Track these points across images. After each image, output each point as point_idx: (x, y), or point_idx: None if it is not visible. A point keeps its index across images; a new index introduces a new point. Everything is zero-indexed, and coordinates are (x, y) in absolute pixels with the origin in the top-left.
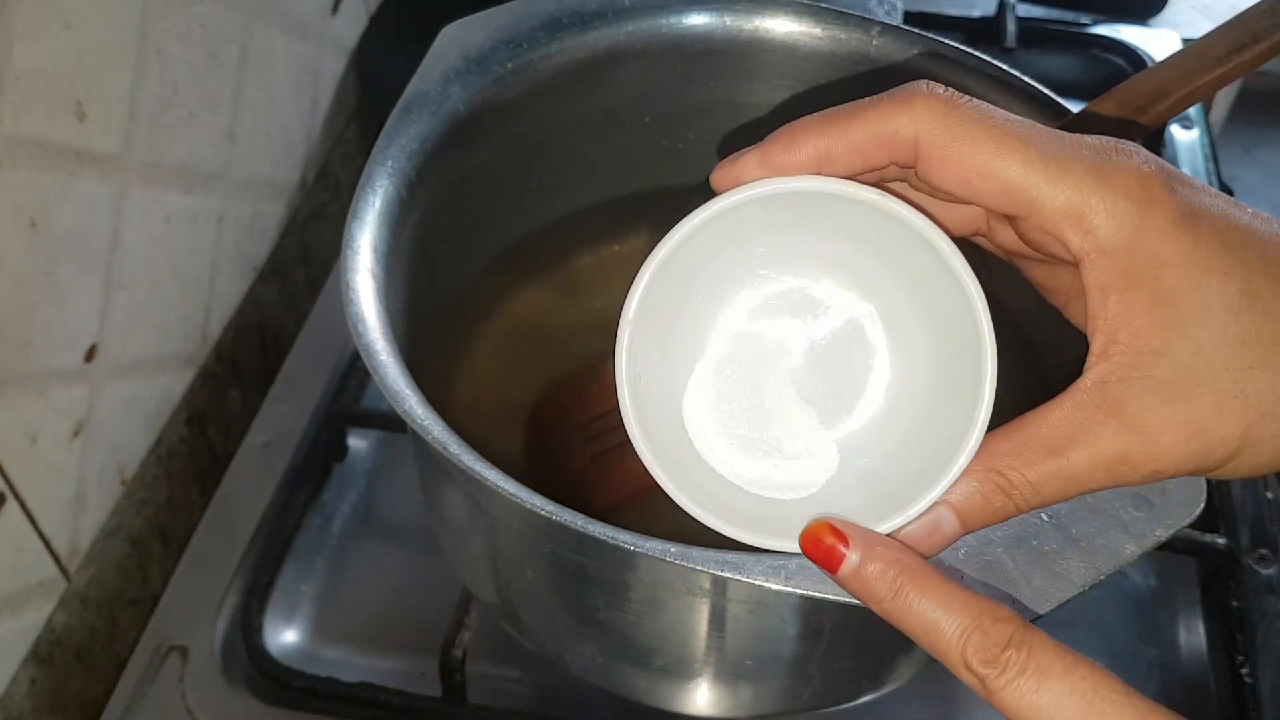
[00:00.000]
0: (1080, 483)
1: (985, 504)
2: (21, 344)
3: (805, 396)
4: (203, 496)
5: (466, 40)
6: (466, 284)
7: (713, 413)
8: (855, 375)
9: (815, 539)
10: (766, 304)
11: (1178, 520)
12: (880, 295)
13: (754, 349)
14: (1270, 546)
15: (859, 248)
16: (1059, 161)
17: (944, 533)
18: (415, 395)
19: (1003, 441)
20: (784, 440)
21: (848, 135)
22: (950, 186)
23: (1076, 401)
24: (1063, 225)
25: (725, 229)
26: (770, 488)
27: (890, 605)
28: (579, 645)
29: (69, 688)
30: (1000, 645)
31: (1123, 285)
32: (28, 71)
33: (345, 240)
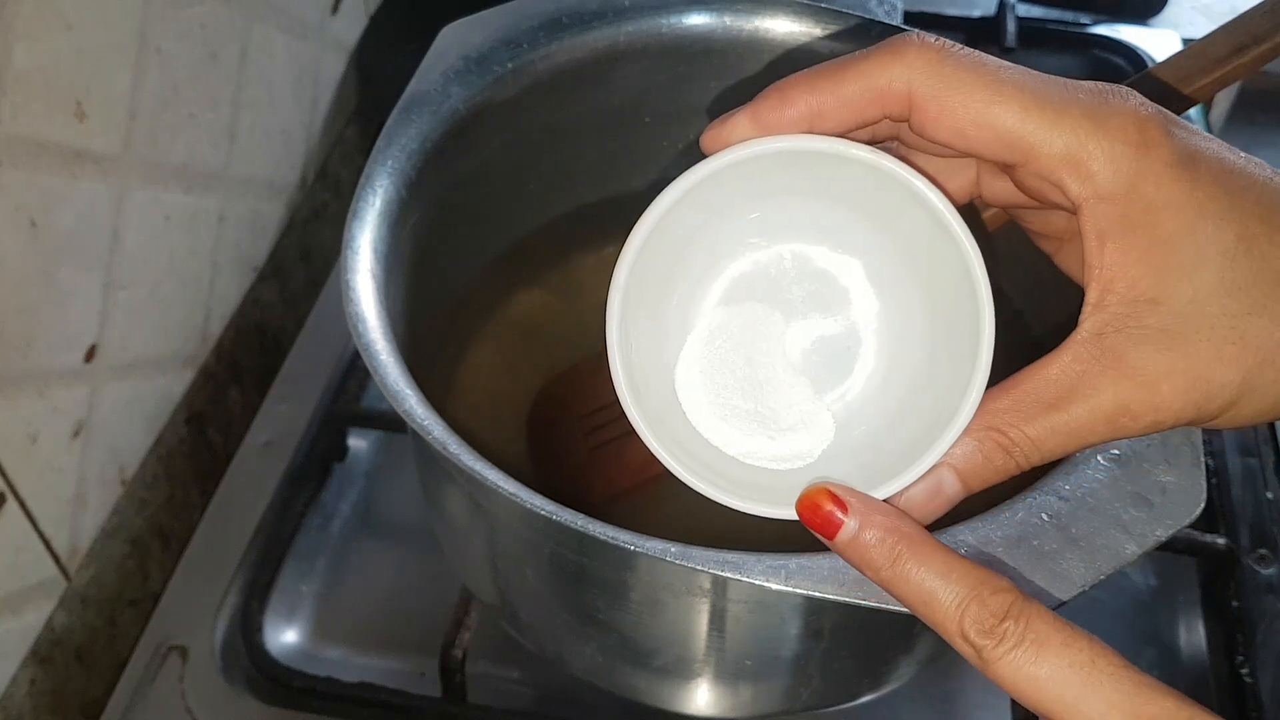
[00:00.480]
0: (1080, 436)
1: (986, 463)
2: (21, 344)
3: (798, 367)
4: (203, 496)
5: (466, 40)
6: (466, 284)
7: (705, 384)
8: (849, 343)
9: (813, 504)
10: (758, 273)
11: (1178, 520)
12: (873, 259)
13: (745, 319)
14: (1270, 546)
15: (851, 210)
16: (1055, 106)
17: (945, 494)
18: (415, 395)
19: (1000, 399)
20: (778, 411)
21: (840, 90)
22: (945, 137)
23: (1074, 354)
24: (1060, 171)
25: (716, 193)
26: (766, 458)
27: (888, 574)
28: (579, 645)
29: (69, 688)
30: (998, 616)
31: (1120, 231)
32: (28, 71)
33: (345, 240)
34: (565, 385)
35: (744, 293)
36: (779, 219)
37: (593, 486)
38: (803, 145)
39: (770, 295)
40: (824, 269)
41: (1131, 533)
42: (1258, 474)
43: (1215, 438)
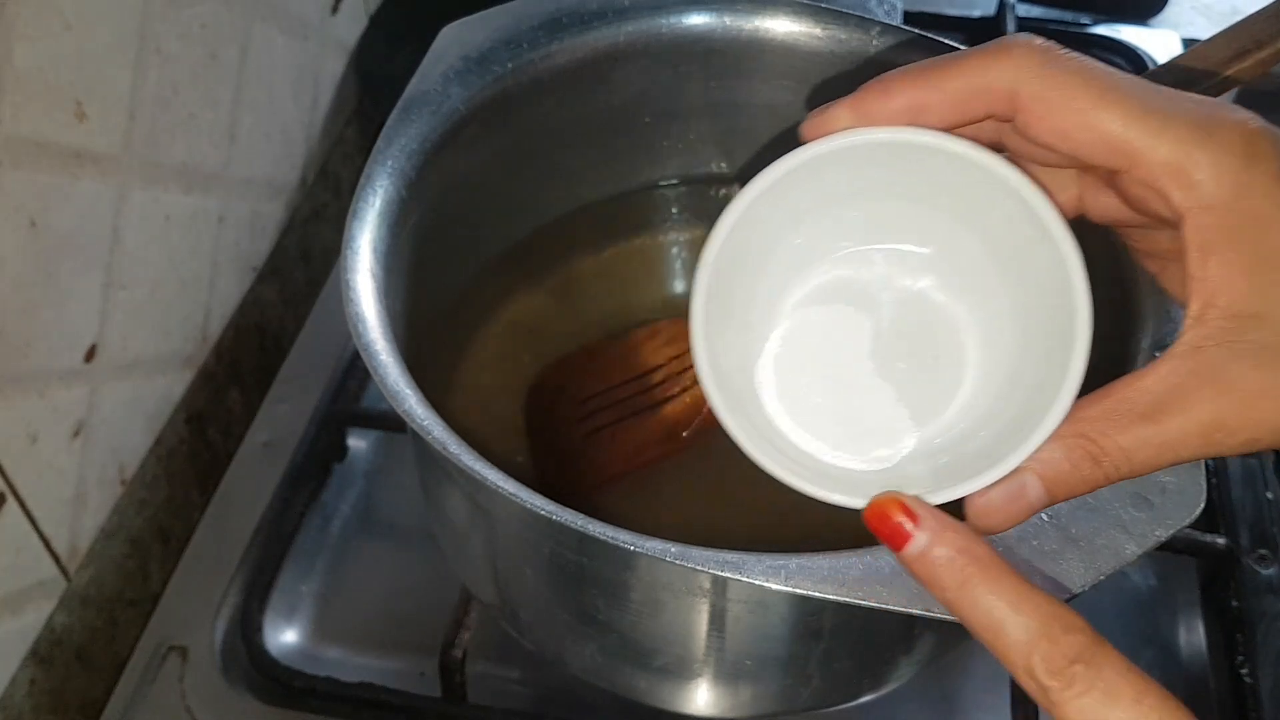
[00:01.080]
0: (1173, 449)
1: (1073, 471)
2: (21, 344)
3: (883, 372)
4: (203, 496)
5: (466, 40)
6: (466, 284)
7: (786, 380)
8: (935, 349)
9: (882, 514)
10: (848, 274)
11: (1178, 520)
12: (965, 261)
13: (831, 320)
14: (1270, 547)
15: (947, 211)
16: (1161, 114)
17: (1027, 500)
18: (415, 395)
19: (1092, 407)
20: (859, 412)
21: (944, 84)
22: (1050, 139)
23: (1171, 367)
24: (1164, 179)
25: (811, 183)
26: (842, 456)
27: (954, 595)
28: (579, 645)
29: (69, 688)
30: (1069, 658)
31: (1223, 245)
32: (28, 72)
33: (345, 240)
34: (564, 370)
35: (831, 294)
36: (870, 220)
37: (586, 470)
38: (904, 137)
39: (857, 299)
40: (915, 273)
41: (1131, 533)
42: (1257, 474)
43: None
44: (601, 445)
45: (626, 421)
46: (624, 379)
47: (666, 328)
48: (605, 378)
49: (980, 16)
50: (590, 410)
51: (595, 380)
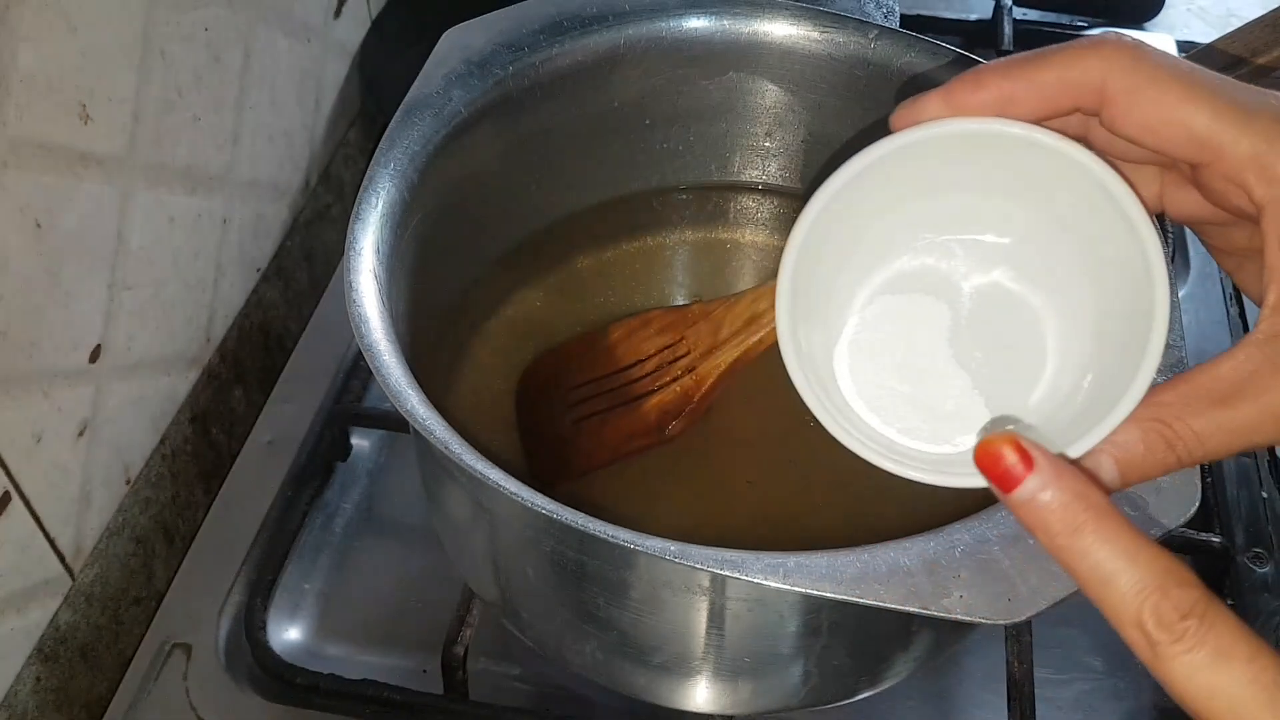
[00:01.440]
0: (1247, 435)
1: (1147, 454)
2: (26, 344)
3: (960, 361)
4: (207, 495)
5: (468, 44)
6: (468, 285)
7: (864, 366)
8: (1014, 343)
9: (994, 454)
10: (928, 265)
11: (1172, 519)
12: (1046, 252)
13: (911, 308)
14: (1265, 545)
15: (1029, 203)
16: (1245, 109)
17: (1102, 481)
18: (417, 395)
19: (1168, 392)
20: (935, 399)
21: (1035, 77)
22: (1136, 132)
23: (1248, 354)
24: (1246, 172)
25: (900, 172)
26: (918, 440)
27: (1064, 542)
28: (579, 642)
29: (73, 685)
30: (1181, 611)
31: None
32: (32, 74)
33: (348, 241)
34: (556, 358)
35: (911, 283)
36: (953, 212)
37: (573, 457)
38: (994, 128)
39: (937, 288)
40: (994, 263)
41: None
42: (1253, 473)
43: None
44: (590, 433)
45: (616, 410)
46: (615, 368)
47: (659, 317)
48: (597, 366)
49: (977, 19)
50: (581, 398)
51: (587, 368)
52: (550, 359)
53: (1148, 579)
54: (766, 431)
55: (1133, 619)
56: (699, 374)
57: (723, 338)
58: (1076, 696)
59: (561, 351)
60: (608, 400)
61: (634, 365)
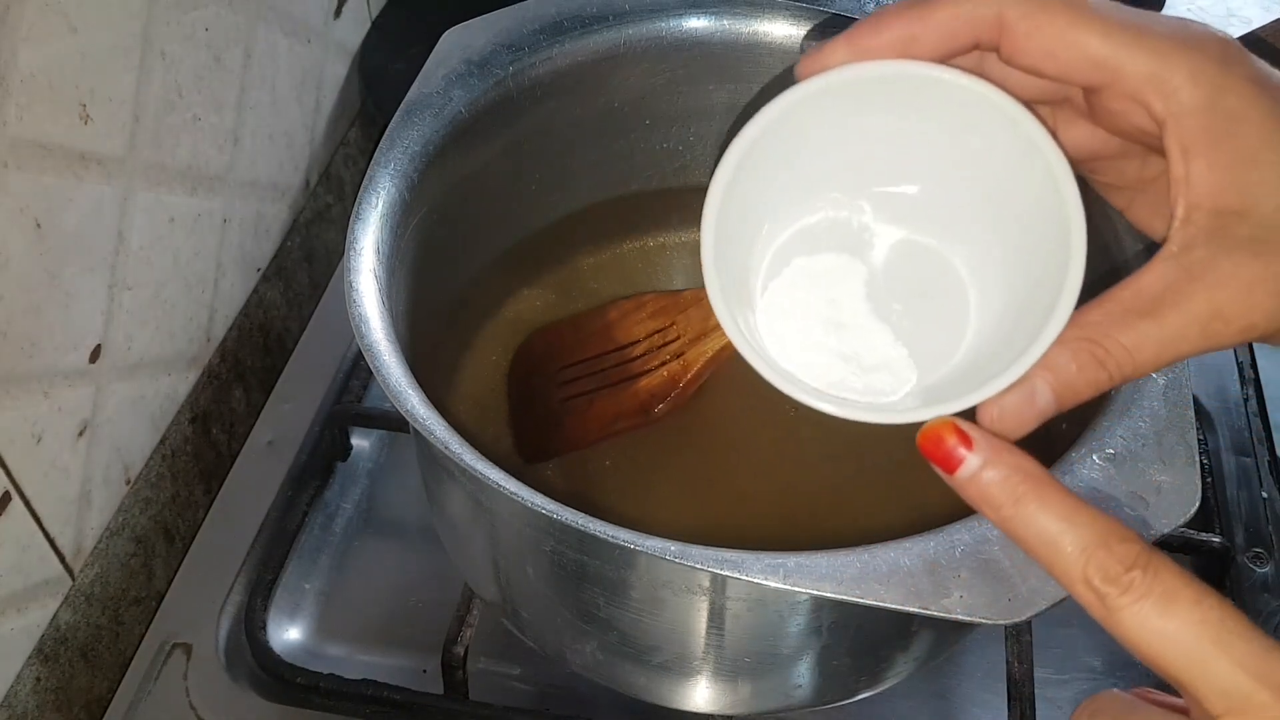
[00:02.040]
0: (1174, 345)
1: (1079, 373)
2: (27, 344)
3: (880, 313)
4: (207, 495)
5: (468, 44)
6: (468, 284)
7: (787, 322)
8: (931, 290)
9: (936, 438)
10: (840, 222)
11: (1173, 519)
12: (953, 194)
13: (827, 264)
14: (1265, 545)
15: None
16: (1138, 29)
17: (1039, 404)
18: (417, 395)
19: (1093, 311)
20: (860, 353)
21: (933, 15)
22: (1034, 61)
23: (1165, 267)
24: (1145, 89)
25: (803, 127)
26: (850, 392)
27: (1009, 512)
28: (579, 642)
29: (74, 685)
30: (1125, 564)
31: (1204, 145)
32: (32, 74)
33: (348, 241)
34: (548, 337)
35: (826, 240)
36: (861, 165)
37: (559, 436)
38: (896, 69)
39: (850, 244)
40: (904, 215)
41: None
42: (1253, 473)
43: (1210, 437)
44: (577, 413)
45: (604, 391)
46: (605, 349)
47: (652, 301)
48: (587, 347)
49: None
50: (570, 378)
51: (578, 349)
52: (543, 338)
53: (1089, 537)
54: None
55: (1080, 576)
56: (687, 359)
57: (713, 324)
58: (1076, 696)
59: (554, 330)
60: (596, 381)
61: (625, 347)
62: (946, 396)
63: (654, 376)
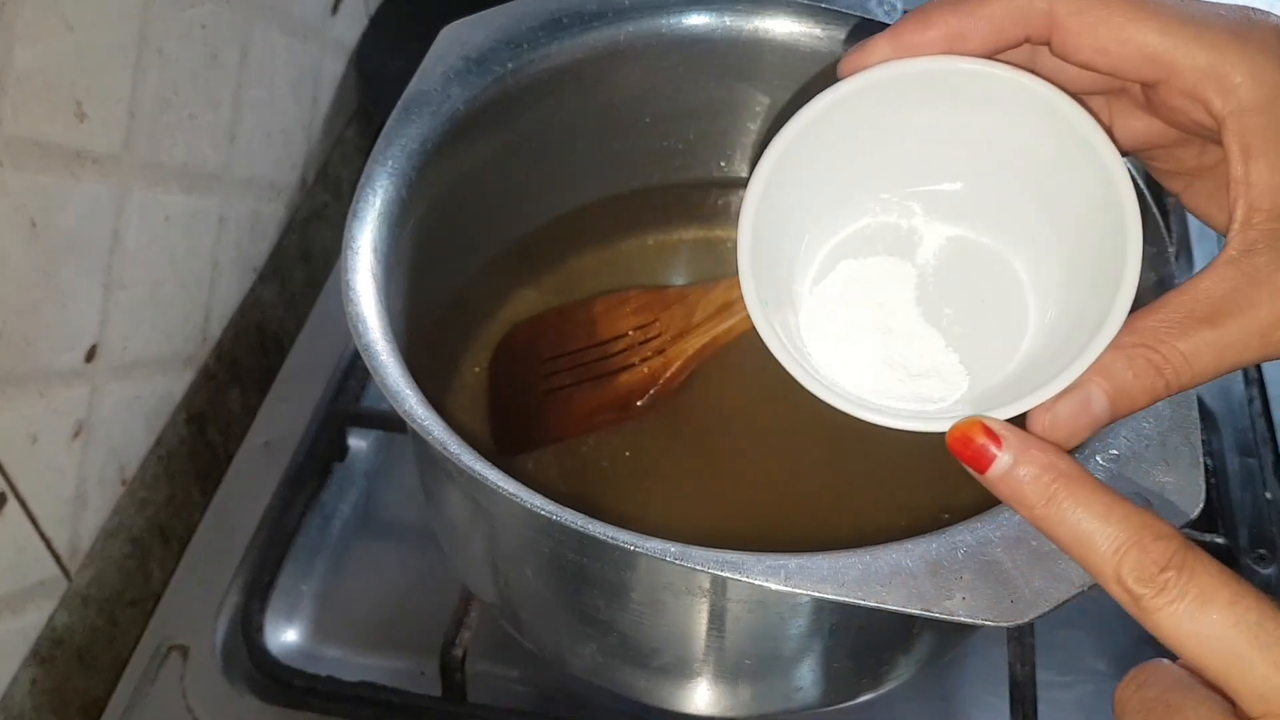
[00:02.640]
0: (1234, 352)
1: (1136, 380)
2: (22, 344)
3: (931, 317)
4: (203, 496)
5: (467, 40)
6: (467, 284)
7: (835, 330)
8: (986, 294)
9: (965, 437)
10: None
11: (1177, 520)
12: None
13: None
14: (1269, 546)
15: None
16: (1196, 23)
17: (1093, 412)
18: (415, 395)
19: (1150, 316)
20: (908, 359)
21: (982, 10)
22: (1087, 56)
23: (1223, 272)
24: (1203, 85)
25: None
26: (896, 399)
27: (1042, 511)
28: (579, 645)
29: (70, 687)
30: (1160, 564)
31: (1265, 145)
32: (28, 72)
33: (345, 240)
34: (531, 329)
35: (874, 243)
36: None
37: (538, 429)
38: (944, 65)
39: (899, 247)
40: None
41: None
42: (1256, 474)
43: (1214, 438)
44: (557, 406)
45: (584, 385)
46: (588, 343)
47: (636, 296)
48: (571, 340)
49: None
50: (552, 370)
51: (560, 342)
52: (526, 330)
53: (1123, 535)
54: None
55: (1114, 575)
56: (668, 356)
57: (695, 322)
58: (1079, 699)
59: (538, 323)
60: (578, 374)
61: (608, 342)
62: (995, 403)
63: (635, 372)
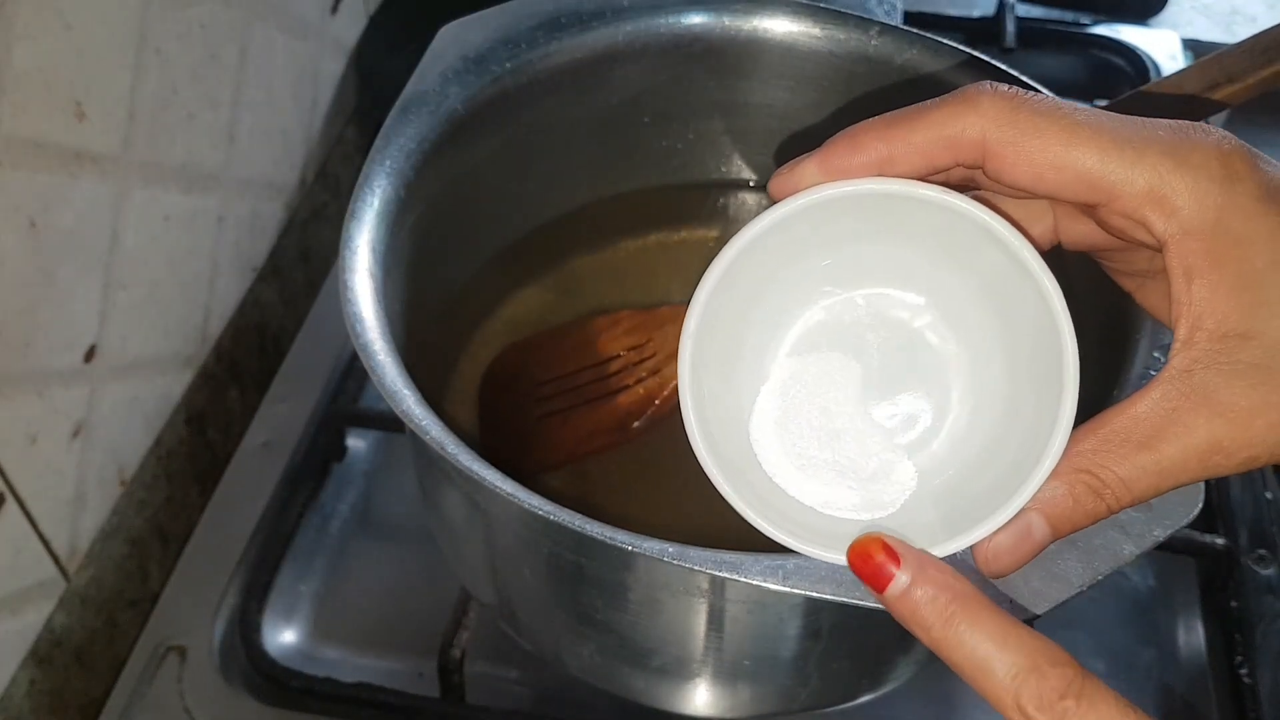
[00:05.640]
0: (1173, 476)
1: (1076, 506)
2: (21, 344)
3: (876, 415)
4: (202, 497)
5: (465, 40)
6: (465, 284)
7: (781, 435)
8: (928, 390)
9: (864, 554)
10: (832, 320)
11: (1176, 520)
12: (949, 302)
13: (820, 368)
14: (1269, 547)
15: (924, 253)
16: (1134, 145)
17: (1034, 539)
18: (413, 395)
19: (1088, 439)
20: (857, 460)
21: (911, 137)
22: (1023, 182)
23: (1163, 392)
24: (1144, 209)
25: (784, 241)
26: (846, 508)
27: (939, 634)
28: (577, 645)
29: (68, 688)
30: (1059, 692)
31: (1207, 267)
32: (27, 72)
33: (343, 240)
34: (522, 353)
35: (817, 341)
36: (851, 265)
37: (533, 453)
38: (872, 188)
39: (844, 343)
40: (899, 315)
41: (1129, 533)
42: (1256, 474)
43: None
44: (552, 430)
45: (579, 408)
46: (581, 366)
47: (627, 318)
48: (562, 363)
49: (980, 17)
50: (545, 394)
51: (552, 365)
52: (516, 354)
53: (1020, 661)
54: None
55: (1013, 704)
56: (664, 376)
57: None
58: None
59: (528, 346)
60: (572, 397)
61: (600, 364)
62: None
63: (631, 393)
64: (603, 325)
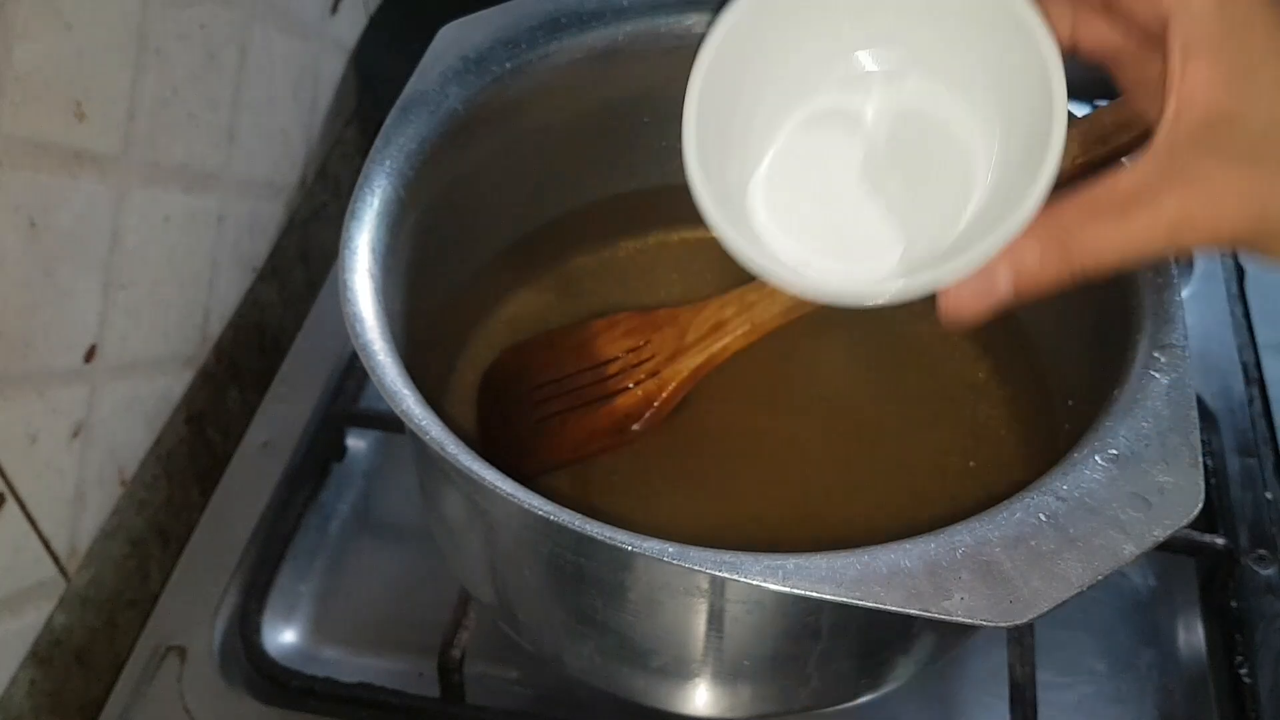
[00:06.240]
0: (1139, 244)
1: (1040, 264)
2: (21, 344)
3: (875, 190)
4: (202, 497)
5: (465, 40)
6: (465, 284)
7: (778, 200)
8: (927, 164)
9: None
10: (840, 99)
11: (1176, 520)
12: (951, 76)
13: (825, 143)
14: (1269, 547)
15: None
16: None
17: (998, 291)
18: (413, 395)
19: (1065, 206)
20: (848, 227)
21: None
22: None
23: (1144, 167)
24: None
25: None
26: (829, 264)
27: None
28: (577, 645)
29: (68, 688)
30: None
31: (1205, 48)
32: (27, 72)
33: (343, 240)
34: (521, 355)
35: (827, 119)
36: (866, 37)
37: (532, 456)
38: None
39: (850, 122)
40: (904, 89)
41: (1129, 533)
42: (1256, 474)
43: (1214, 438)
44: (551, 432)
45: (578, 410)
46: (579, 368)
47: (626, 320)
48: (561, 365)
49: None
50: (543, 397)
51: (551, 367)
52: (515, 356)
53: None
54: (767, 428)
55: None
56: (663, 378)
57: (688, 342)
58: (1079, 700)
59: (527, 349)
60: (570, 400)
61: (599, 366)
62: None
63: (629, 396)
64: (601, 327)
